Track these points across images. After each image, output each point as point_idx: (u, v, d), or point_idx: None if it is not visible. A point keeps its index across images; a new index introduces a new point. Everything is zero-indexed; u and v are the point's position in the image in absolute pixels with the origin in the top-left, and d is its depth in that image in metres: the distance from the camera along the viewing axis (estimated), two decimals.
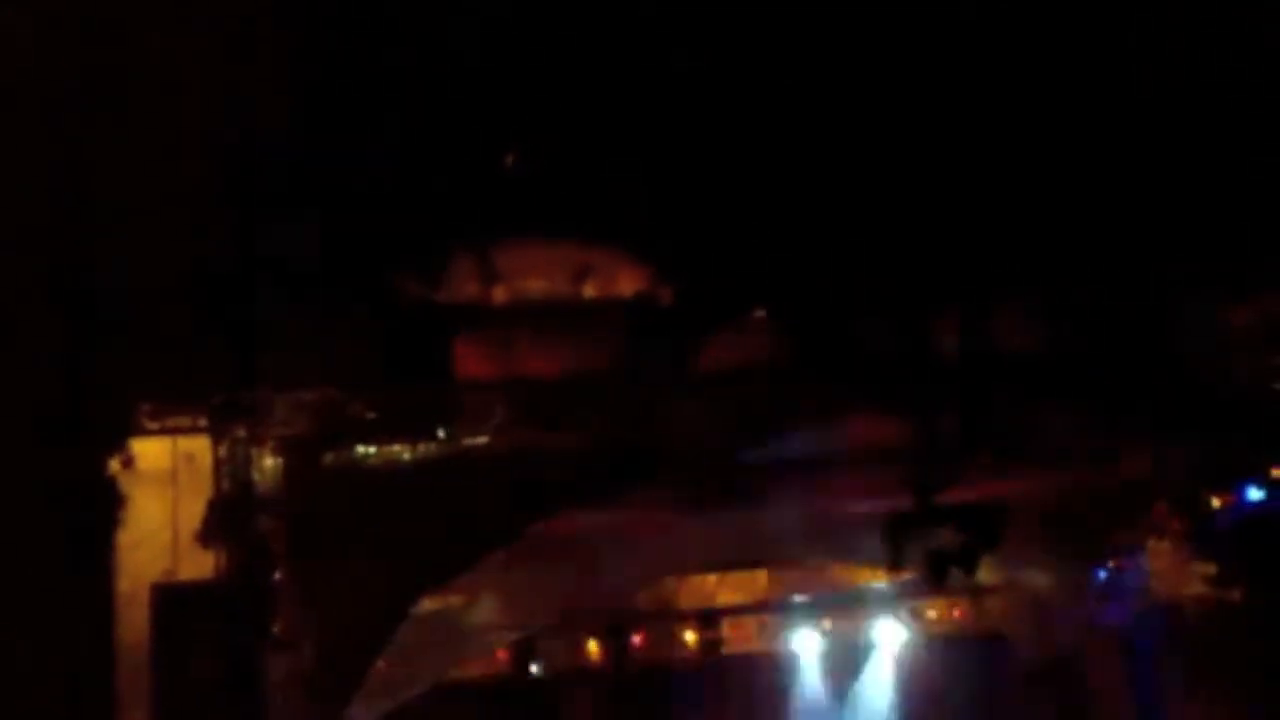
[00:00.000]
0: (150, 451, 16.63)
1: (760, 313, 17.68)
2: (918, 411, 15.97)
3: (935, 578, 16.81)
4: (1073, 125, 15.92)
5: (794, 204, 16.60)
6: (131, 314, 15.63)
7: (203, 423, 16.59)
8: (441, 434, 16.73)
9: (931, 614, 21.48)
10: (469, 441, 16.80)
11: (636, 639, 19.88)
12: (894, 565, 16.95)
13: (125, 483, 16.55)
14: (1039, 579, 20.92)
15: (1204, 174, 16.28)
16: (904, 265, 16.43)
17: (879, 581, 20.43)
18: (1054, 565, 20.77)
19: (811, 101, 16.05)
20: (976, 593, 21.36)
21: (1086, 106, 15.87)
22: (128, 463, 16.54)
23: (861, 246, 16.47)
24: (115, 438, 16.40)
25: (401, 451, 16.67)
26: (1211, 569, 20.68)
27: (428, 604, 17.65)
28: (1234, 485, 20.02)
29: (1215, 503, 20.27)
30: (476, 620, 18.95)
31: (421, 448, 16.73)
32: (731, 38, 15.79)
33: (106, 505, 16.30)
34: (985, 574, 19.06)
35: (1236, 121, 15.96)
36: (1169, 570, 21.03)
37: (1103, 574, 21.22)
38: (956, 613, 21.62)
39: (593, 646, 19.58)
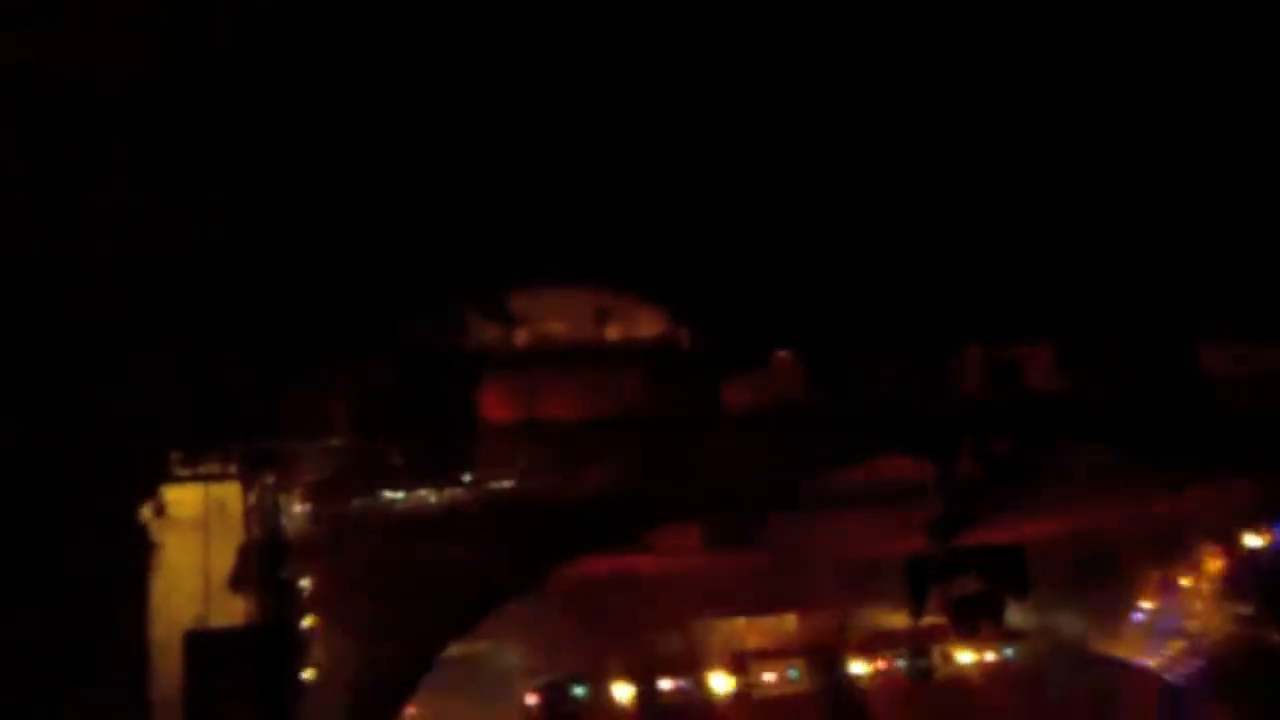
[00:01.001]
0: (182, 499, 16.87)
1: (783, 354, 17.74)
2: (940, 453, 15.93)
3: (962, 627, 16.68)
4: (1097, 164, 15.92)
5: (815, 245, 16.66)
6: (162, 362, 15.91)
7: (233, 469, 16.81)
8: (467, 478, 16.87)
9: (964, 658, 21.31)
10: (494, 485, 16.94)
11: (666, 683, 19.86)
12: (916, 611, 16.79)
13: (157, 530, 16.80)
14: (1072, 621, 20.75)
15: (1234, 211, 16.22)
16: (927, 306, 16.44)
17: (906, 625, 20.31)
18: (1087, 607, 20.61)
19: (835, 144, 16.13)
20: (1010, 636, 21.19)
21: (1114, 143, 15.86)
22: (160, 510, 16.78)
23: (884, 287, 16.49)
24: (148, 485, 16.64)
25: (428, 496, 16.83)
26: (1249, 609, 20.43)
27: (456, 648, 17.73)
28: (1271, 524, 19.81)
29: (1252, 542, 20.06)
30: (505, 664, 19.03)
31: (447, 492, 16.88)
32: (753, 80, 15.91)
33: (139, 552, 16.53)
34: (1017, 617, 18.96)
35: (1270, 163, 15.91)
36: (1205, 611, 20.80)
37: (1138, 616, 21.03)
38: (989, 657, 21.45)
39: (621, 690, 19.57)
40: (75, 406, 15.51)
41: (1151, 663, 21.20)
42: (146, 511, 16.74)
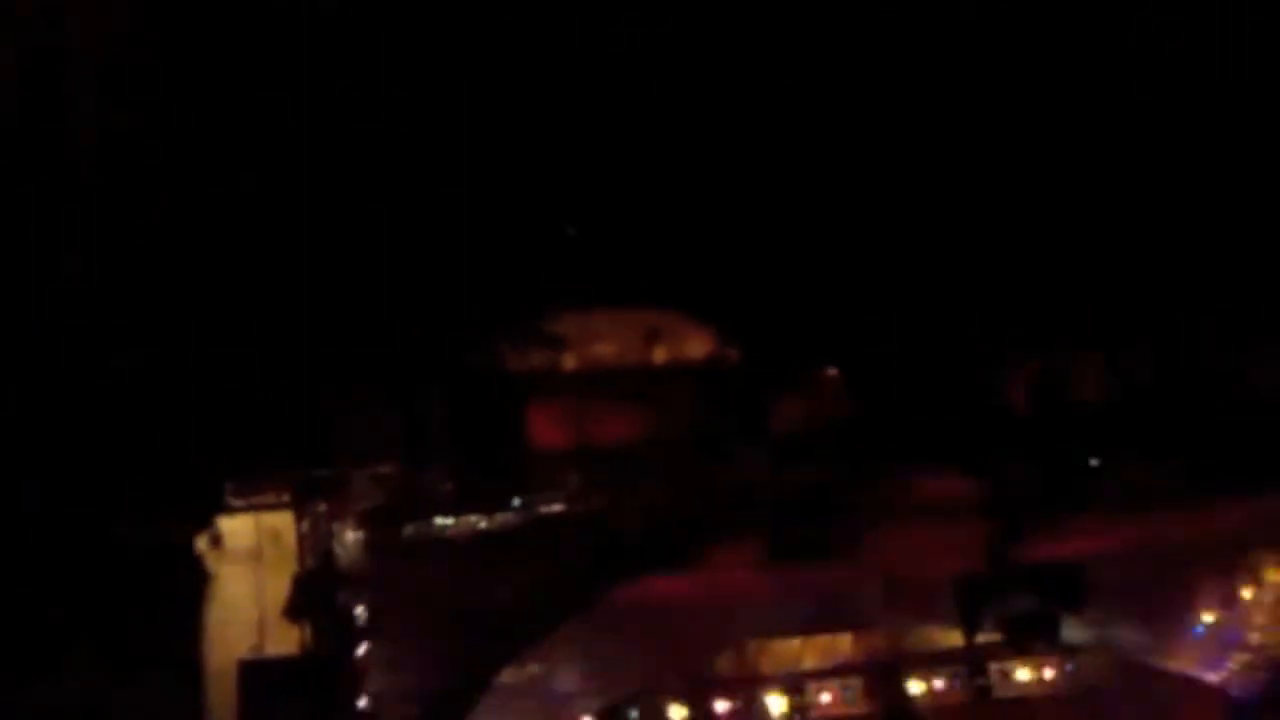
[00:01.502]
0: (236, 529, 17.01)
1: (831, 371, 17.70)
2: (989, 468, 15.81)
3: (1018, 646, 16.48)
4: (1151, 180, 15.86)
5: (862, 264, 16.67)
6: (216, 396, 16.12)
7: (286, 499, 16.94)
8: (517, 502, 16.91)
9: (1021, 676, 21.01)
10: (545, 509, 16.97)
11: (721, 704, 19.70)
12: (970, 632, 16.59)
13: (213, 560, 16.94)
14: (1131, 636, 20.42)
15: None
16: (976, 321, 16.38)
17: (962, 643, 20.07)
18: (1147, 621, 20.29)
19: (882, 166, 16.18)
20: (1069, 652, 20.89)
21: (1173, 159, 15.81)
22: (216, 541, 16.94)
23: (932, 303, 16.46)
24: (204, 516, 16.82)
25: (478, 521, 16.87)
26: None
27: (510, 673, 17.71)
28: None
29: None
30: (559, 688, 18.95)
31: (498, 517, 16.91)
32: (802, 106, 15.99)
33: (195, 583, 16.68)
34: (1075, 632, 18.72)
35: None
36: (1268, 623, 20.44)
37: (1199, 629, 20.68)
38: (1048, 673, 21.13)
39: (676, 712, 19.43)
40: (131, 440, 15.73)
41: (1213, 677, 20.82)
42: (202, 542, 16.92)
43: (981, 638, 18.61)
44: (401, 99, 13.94)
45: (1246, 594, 20.49)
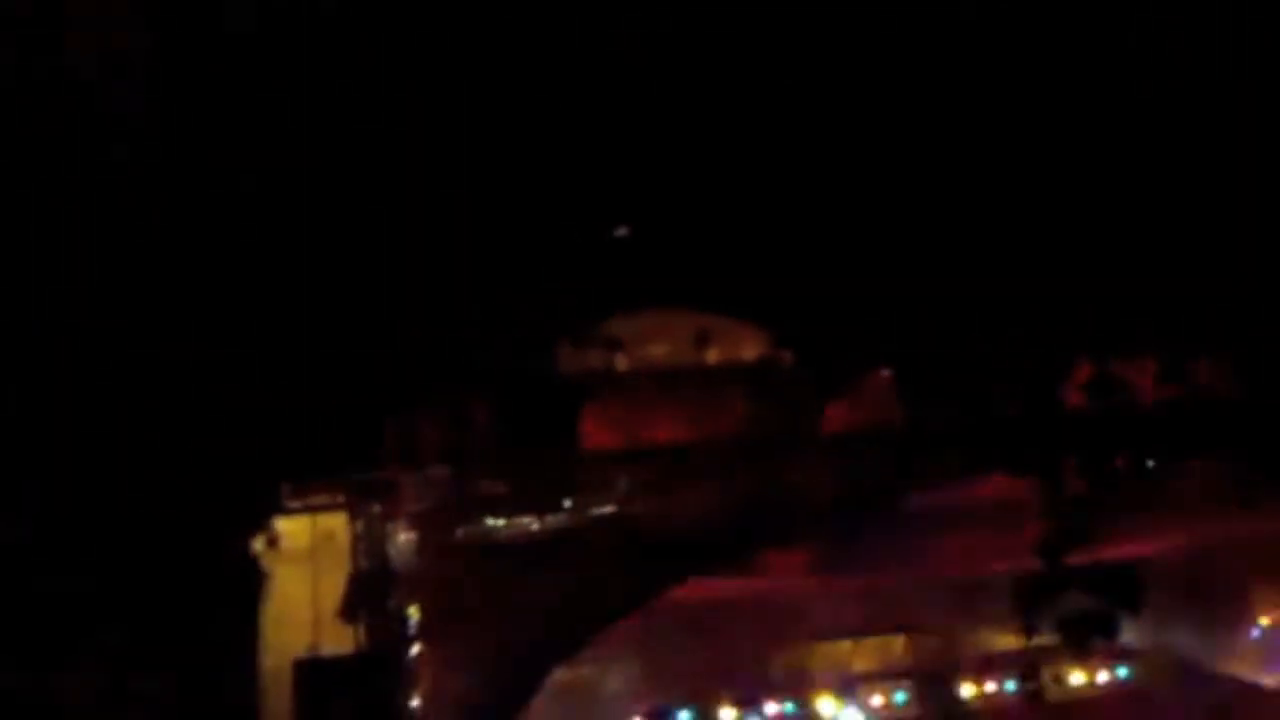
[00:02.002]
0: (291, 530, 17.16)
1: (885, 372, 17.64)
2: (1046, 470, 15.69)
3: (1075, 645, 16.36)
4: (1209, 180, 15.70)
5: (916, 264, 16.59)
6: (272, 397, 16.26)
7: (341, 500, 17.07)
8: (568, 504, 16.94)
9: (1076, 679, 20.86)
10: (596, 511, 16.99)
11: (772, 707, 19.69)
12: (1029, 632, 16.52)
13: (268, 561, 17.09)
14: (1187, 639, 20.25)
15: None
16: (1032, 324, 16.27)
17: (1015, 646, 19.95)
18: (1203, 625, 20.12)
19: (936, 167, 16.09)
20: (1123, 655, 20.72)
21: (1223, 154, 15.65)
22: (273, 541, 17.09)
23: (989, 306, 16.37)
24: (260, 517, 16.97)
25: (530, 523, 16.91)
26: None
27: (562, 673, 17.77)
28: None
29: None
30: (610, 689, 19.02)
31: (550, 518, 16.95)
32: (854, 109, 15.93)
33: (252, 583, 16.83)
34: (1130, 636, 18.58)
35: None
36: None
37: (1255, 632, 20.49)
38: (1103, 676, 20.96)
39: (727, 714, 19.45)
40: (189, 443, 15.90)
41: (1270, 681, 20.61)
42: (259, 543, 17.09)
43: (1036, 640, 18.53)
44: (454, 102, 14.01)
45: None
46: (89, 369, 15.43)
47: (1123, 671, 20.72)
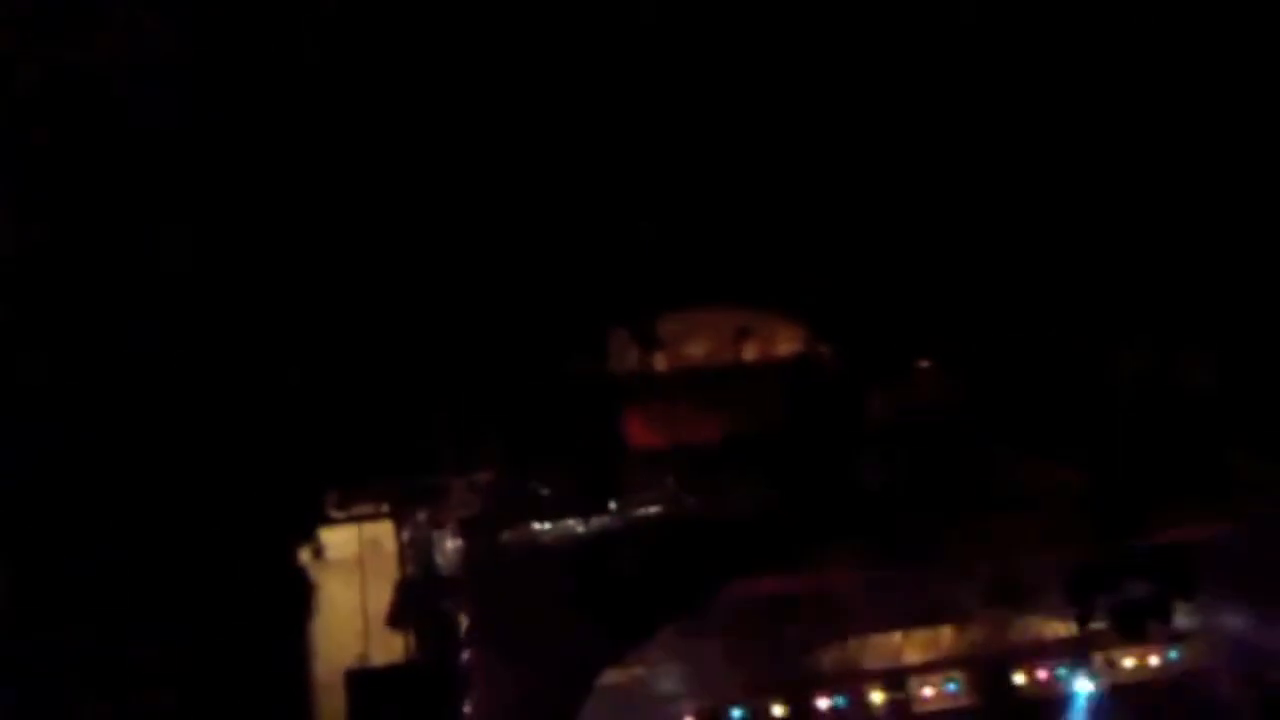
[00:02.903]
0: (337, 539, 17.16)
1: (925, 363, 17.55)
2: (1100, 456, 15.60)
3: (1130, 630, 16.32)
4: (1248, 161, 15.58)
5: (960, 251, 16.49)
6: (315, 406, 16.25)
7: (386, 509, 17.06)
8: (614, 506, 16.92)
9: (1127, 663, 20.75)
10: (642, 512, 16.96)
11: (823, 701, 19.63)
12: (1083, 617, 16.47)
13: (315, 571, 17.09)
14: (1239, 621, 20.11)
15: None
16: (1081, 307, 16.15)
17: (1069, 632, 19.85)
18: (1252, 604, 19.97)
19: (972, 152, 15.99)
20: (1174, 638, 20.61)
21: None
22: (319, 552, 17.09)
23: (1036, 289, 16.26)
24: (306, 528, 16.97)
25: (576, 526, 16.89)
26: None
27: (612, 674, 17.75)
28: None
29: None
30: (661, 690, 18.98)
31: (596, 521, 16.92)
32: (887, 99, 15.84)
33: (299, 594, 16.83)
34: (1181, 618, 18.47)
35: None
36: None
37: None
38: (1154, 660, 20.85)
39: (779, 710, 19.39)
40: (232, 454, 15.90)
41: None
42: (305, 554, 17.08)
43: (1088, 627, 18.42)
44: (494, 111, 13.99)
45: None
46: (118, 390, 15.43)
47: (1174, 654, 20.63)
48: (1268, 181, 15.03)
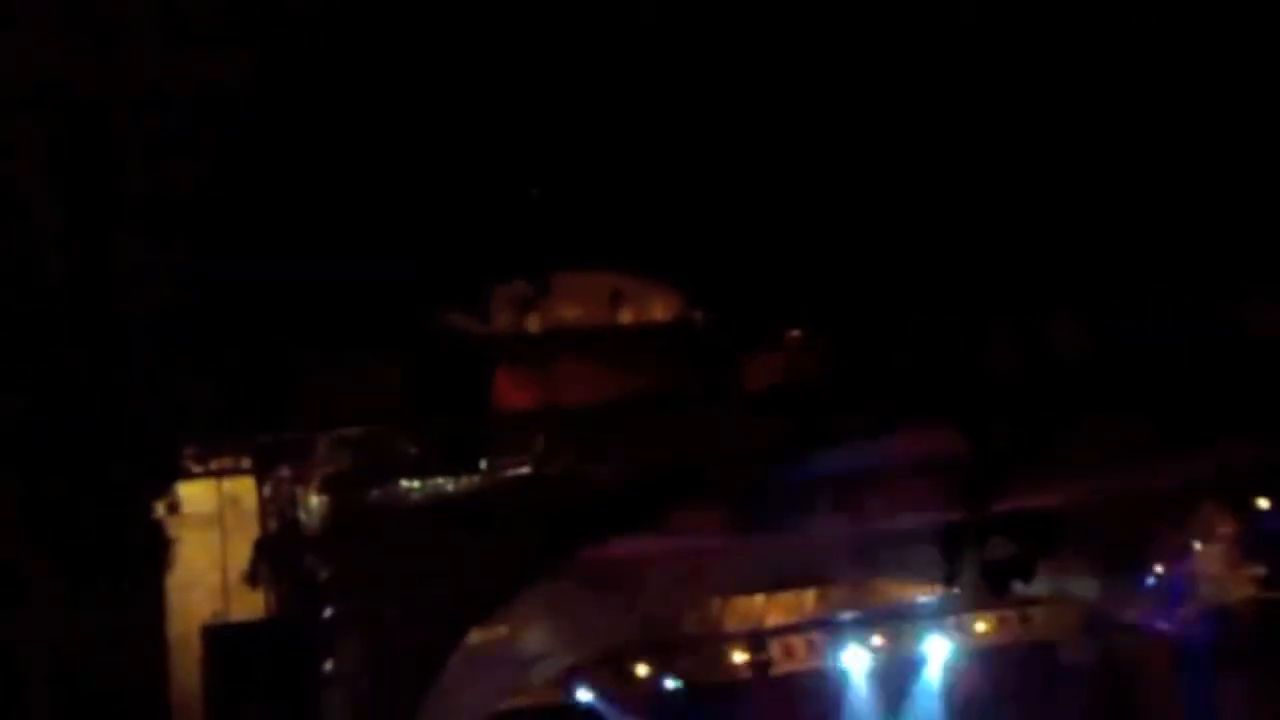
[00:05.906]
0: (195, 495, 16.72)
1: (796, 333, 17.68)
2: (970, 422, 15.91)
3: (995, 588, 16.80)
4: (1118, 134, 15.88)
5: (831, 223, 16.60)
6: (172, 358, 15.74)
7: (246, 464, 16.66)
8: (483, 465, 16.75)
9: (980, 627, 21.35)
10: (511, 472, 16.83)
11: (685, 661, 19.85)
12: (950, 578, 16.90)
13: (172, 526, 16.65)
14: (1086, 588, 20.79)
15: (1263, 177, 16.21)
16: (952, 278, 16.39)
17: (927, 596, 20.34)
18: (1101, 573, 20.65)
19: (851, 124, 16.06)
20: (1025, 604, 21.24)
21: (1135, 121, 15.84)
22: (174, 507, 16.62)
23: (908, 262, 16.45)
24: (161, 482, 16.49)
25: (445, 484, 16.69)
26: (1261, 570, 20.51)
27: (476, 635, 17.66)
28: None
29: (1263, 504, 20.10)
30: (525, 650, 18.97)
31: (464, 480, 16.74)
32: (768, 64, 15.81)
33: (154, 549, 16.38)
34: (1033, 585, 18.97)
35: None
36: (1218, 574, 20.86)
37: (1150, 580, 21.08)
38: (1005, 625, 21.49)
39: (642, 670, 19.55)
40: (88, 403, 15.36)
41: (1165, 627, 21.26)
42: (160, 508, 16.60)
43: (942, 592, 18.89)
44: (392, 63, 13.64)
45: (1198, 545, 20.92)
46: None
47: (1025, 620, 21.31)
48: (1137, 150, 15.38)
